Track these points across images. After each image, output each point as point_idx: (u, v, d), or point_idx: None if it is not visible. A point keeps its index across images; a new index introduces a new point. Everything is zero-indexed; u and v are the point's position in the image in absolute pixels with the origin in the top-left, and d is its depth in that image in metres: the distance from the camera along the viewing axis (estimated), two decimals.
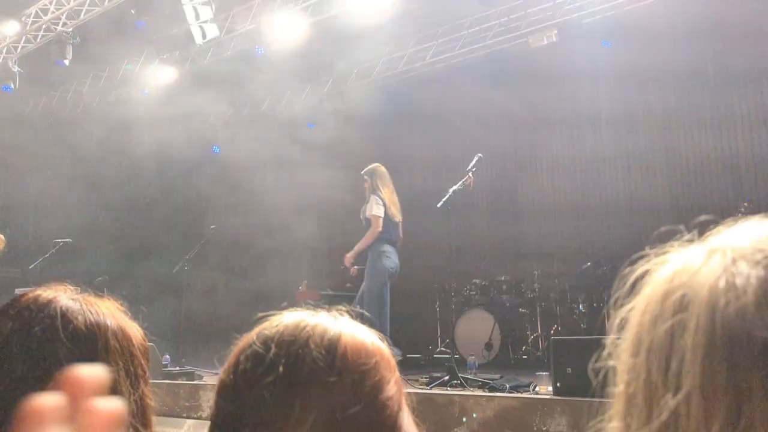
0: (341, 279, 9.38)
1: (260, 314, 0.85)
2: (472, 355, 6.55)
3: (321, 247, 9.40)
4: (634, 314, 0.60)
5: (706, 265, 0.57)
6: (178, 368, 6.48)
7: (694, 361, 0.53)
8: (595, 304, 7.52)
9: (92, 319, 0.99)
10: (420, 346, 8.63)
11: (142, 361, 1.05)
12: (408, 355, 8.09)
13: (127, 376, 1.00)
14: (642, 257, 0.62)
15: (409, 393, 0.86)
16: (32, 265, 8.23)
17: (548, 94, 9.06)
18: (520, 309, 8.23)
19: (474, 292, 8.36)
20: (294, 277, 9.61)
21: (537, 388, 4.51)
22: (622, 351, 0.61)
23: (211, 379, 5.89)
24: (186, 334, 7.85)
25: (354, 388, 0.76)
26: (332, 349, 0.78)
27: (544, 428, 3.59)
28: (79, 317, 0.98)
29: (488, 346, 7.62)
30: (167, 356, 6.96)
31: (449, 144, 9.57)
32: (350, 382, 0.76)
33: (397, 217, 6.60)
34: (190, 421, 5.21)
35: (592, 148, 9.28)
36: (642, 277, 0.61)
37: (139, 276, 10.78)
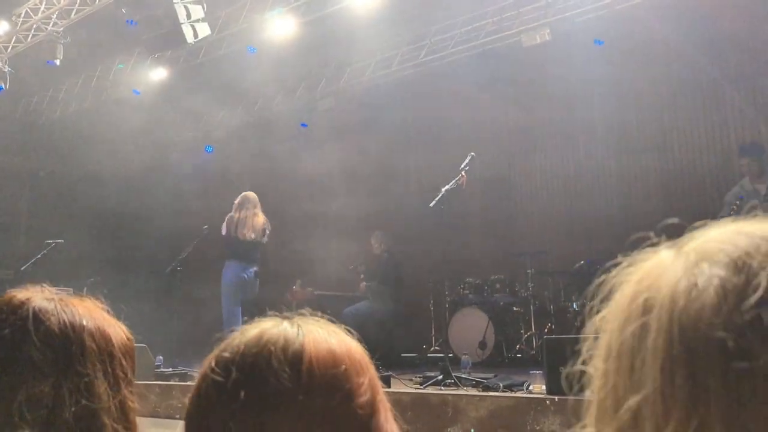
0: (338, 279, 9.37)
1: (217, 335, 0.81)
2: (466, 354, 6.54)
3: (316, 248, 9.37)
4: (606, 320, 0.61)
5: (670, 267, 0.57)
6: (170, 369, 6.45)
7: (654, 362, 0.54)
8: (589, 303, 7.50)
9: (66, 320, 0.96)
10: (414, 345, 8.61)
11: (124, 363, 1.01)
12: (402, 355, 8.08)
13: (105, 378, 0.96)
14: (615, 265, 0.63)
15: (402, 393, 0.83)
16: (24, 267, 8.17)
17: (541, 92, 9.05)
18: (514, 308, 8.22)
19: (468, 291, 8.35)
20: (290, 276, 9.58)
21: (531, 387, 4.50)
22: (595, 357, 0.61)
23: None
24: (179, 335, 7.80)
25: (324, 402, 0.72)
26: (296, 364, 0.74)
27: (538, 427, 3.58)
28: (52, 318, 0.95)
29: (482, 344, 7.61)
30: (160, 357, 6.94)
31: (442, 143, 9.54)
32: (319, 397, 0.73)
33: (249, 236, 7.16)
34: (182, 422, 5.17)
35: (586, 146, 9.28)
36: (614, 285, 0.62)
37: (132, 277, 10.74)
